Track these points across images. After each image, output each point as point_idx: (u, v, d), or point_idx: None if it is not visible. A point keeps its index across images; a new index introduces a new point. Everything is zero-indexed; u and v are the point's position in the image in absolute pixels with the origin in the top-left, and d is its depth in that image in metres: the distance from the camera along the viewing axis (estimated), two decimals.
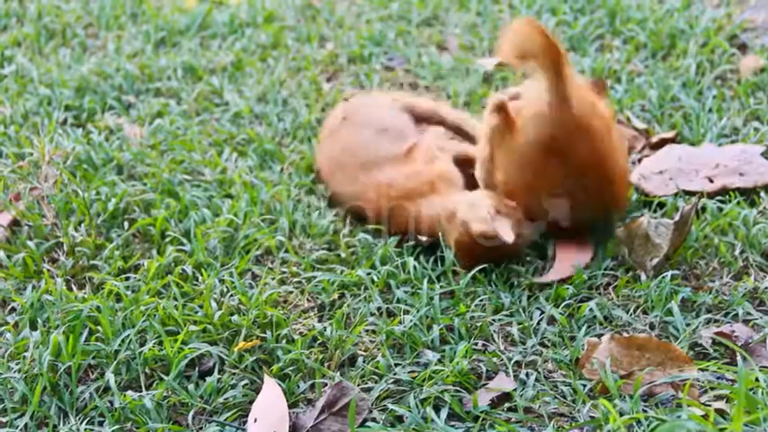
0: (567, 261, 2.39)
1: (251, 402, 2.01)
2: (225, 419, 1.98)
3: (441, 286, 2.30)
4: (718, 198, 2.59)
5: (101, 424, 1.98)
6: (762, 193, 2.59)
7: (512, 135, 2.40)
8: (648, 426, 1.84)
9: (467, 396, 1.98)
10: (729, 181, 2.64)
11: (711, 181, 2.65)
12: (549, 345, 2.15)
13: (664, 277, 2.29)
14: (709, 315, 2.19)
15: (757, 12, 3.72)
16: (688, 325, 2.15)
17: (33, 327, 2.23)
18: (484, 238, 2.32)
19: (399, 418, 1.94)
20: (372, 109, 2.88)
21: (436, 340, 2.14)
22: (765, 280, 2.32)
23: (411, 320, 2.18)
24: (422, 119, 2.87)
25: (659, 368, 2.00)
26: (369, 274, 2.35)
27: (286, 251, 2.50)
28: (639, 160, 2.84)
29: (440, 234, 2.43)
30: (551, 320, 2.21)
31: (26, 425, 1.98)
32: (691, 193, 2.63)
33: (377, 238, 2.51)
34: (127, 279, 2.40)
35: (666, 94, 3.13)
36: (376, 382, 2.04)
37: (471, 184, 2.57)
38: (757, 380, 1.85)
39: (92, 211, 2.65)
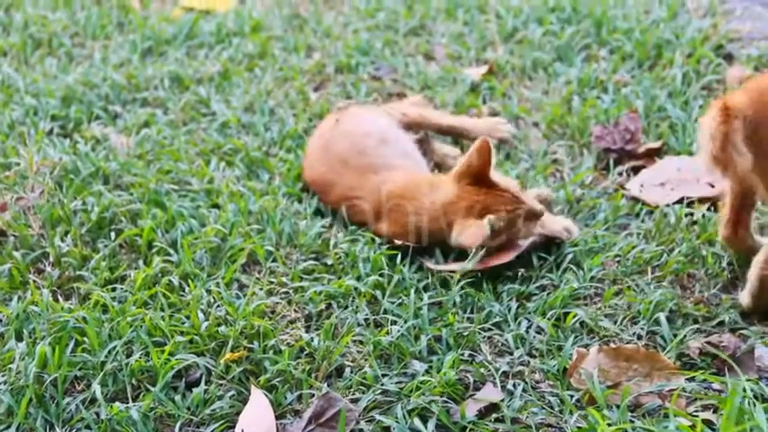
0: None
1: (238, 413, 2.00)
2: (212, 431, 1.97)
3: (429, 296, 2.30)
4: (708, 209, 2.61)
5: None
6: None
7: None
8: None
9: (454, 407, 1.98)
10: None
11: (713, 186, 2.66)
12: (537, 355, 2.15)
13: (650, 287, 2.30)
14: (697, 325, 2.20)
15: (743, 22, 3.74)
16: (675, 335, 2.15)
17: (19, 338, 2.22)
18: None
19: (387, 429, 1.94)
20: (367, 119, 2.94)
21: (424, 351, 2.14)
22: None
23: (398, 331, 2.18)
24: (412, 126, 2.95)
25: (647, 378, 2.00)
26: (356, 288, 2.35)
27: (274, 261, 2.50)
28: (635, 171, 2.85)
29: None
30: (539, 330, 2.21)
31: None
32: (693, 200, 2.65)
33: (364, 247, 2.51)
34: (113, 290, 2.39)
35: (653, 105, 3.14)
36: (363, 393, 2.04)
37: None
38: (744, 390, 1.85)
39: (78, 221, 2.64)
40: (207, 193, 2.82)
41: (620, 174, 2.86)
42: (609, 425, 1.85)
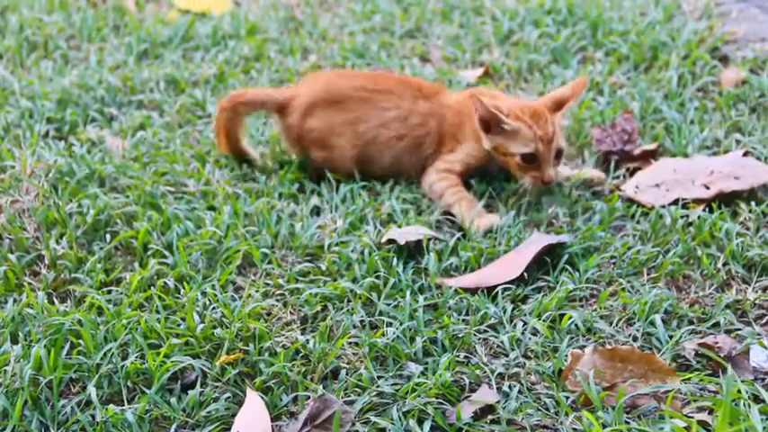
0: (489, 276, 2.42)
1: (233, 416, 2.00)
2: None
3: (425, 298, 2.30)
4: (705, 209, 2.61)
5: None
6: (742, 204, 2.60)
7: None
8: None
9: (450, 408, 1.97)
10: (726, 185, 2.65)
11: (708, 188, 2.66)
12: (533, 356, 2.15)
13: (645, 288, 2.30)
14: (692, 326, 2.20)
15: (738, 24, 3.74)
16: (671, 336, 2.15)
17: (14, 340, 2.21)
18: None
19: (382, 431, 1.94)
20: None
21: (419, 352, 2.14)
22: (748, 291, 2.33)
23: (394, 333, 2.18)
24: None
25: (642, 380, 2.00)
26: (352, 290, 2.35)
27: (269, 263, 2.50)
28: (631, 173, 2.86)
29: None
30: (534, 332, 2.21)
31: None
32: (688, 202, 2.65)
33: (360, 250, 2.51)
34: (109, 292, 2.39)
35: (648, 107, 3.15)
36: (359, 395, 2.03)
37: None
38: (740, 391, 1.85)
39: (73, 223, 2.64)
40: (203, 194, 2.82)
41: (617, 176, 2.86)
42: (604, 426, 1.85)
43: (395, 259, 2.44)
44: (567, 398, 1.99)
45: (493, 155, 2.81)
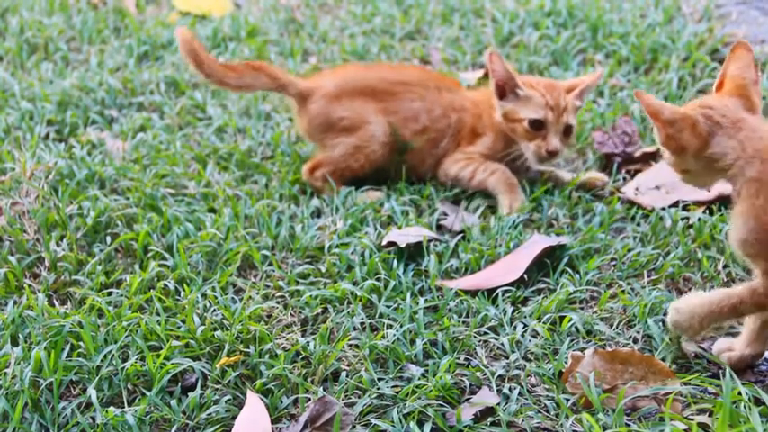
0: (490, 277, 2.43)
1: (234, 418, 1.99)
2: None
3: (425, 300, 2.30)
4: (705, 211, 2.61)
5: None
6: None
7: None
8: None
9: (450, 411, 1.97)
10: (726, 188, 2.64)
11: (708, 190, 2.66)
12: (533, 358, 2.14)
13: (645, 290, 2.30)
14: None
15: (738, 26, 3.74)
16: (671, 339, 2.15)
17: (15, 342, 2.21)
18: None
19: None
20: None
21: (419, 355, 2.14)
22: None
23: (394, 335, 2.18)
24: None
25: (642, 382, 2.00)
26: (352, 292, 2.35)
27: (270, 265, 2.50)
28: (632, 175, 2.86)
29: None
30: (535, 334, 2.21)
31: None
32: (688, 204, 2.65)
33: (360, 252, 2.51)
34: (109, 294, 2.39)
35: None
36: (359, 397, 2.03)
37: None
38: (740, 393, 1.85)
39: (73, 225, 2.64)
40: (204, 196, 2.82)
41: (617, 178, 2.86)
42: (604, 428, 1.85)
43: (395, 261, 2.44)
44: (568, 400, 1.99)
45: (503, 125, 2.85)
